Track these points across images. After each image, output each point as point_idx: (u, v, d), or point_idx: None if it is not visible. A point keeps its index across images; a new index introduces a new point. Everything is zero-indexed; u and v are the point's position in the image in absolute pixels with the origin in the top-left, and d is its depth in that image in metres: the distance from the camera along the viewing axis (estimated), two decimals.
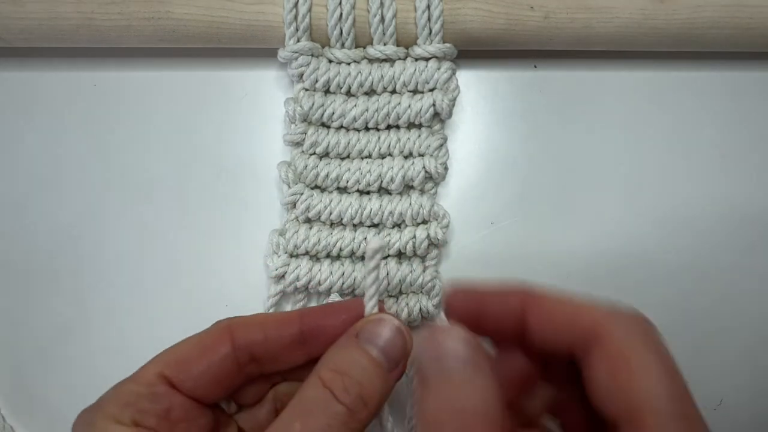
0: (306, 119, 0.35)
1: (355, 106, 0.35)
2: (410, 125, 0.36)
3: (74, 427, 0.25)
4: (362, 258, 0.35)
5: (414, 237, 0.35)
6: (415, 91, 0.36)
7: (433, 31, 0.35)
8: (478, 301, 0.26)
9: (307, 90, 0.36)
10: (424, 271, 0.35)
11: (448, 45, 0.35)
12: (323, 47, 0.36)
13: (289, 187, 0.35)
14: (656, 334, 0.22)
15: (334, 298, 0.34)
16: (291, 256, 0.35)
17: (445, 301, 0.27)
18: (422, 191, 0.36)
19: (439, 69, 0.35)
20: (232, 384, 0.27)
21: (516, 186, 0.38)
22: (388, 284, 0.34)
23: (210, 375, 0.26)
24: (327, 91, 0.36)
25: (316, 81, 0.35)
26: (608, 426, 0.22)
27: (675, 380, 0.21)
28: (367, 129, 0.36)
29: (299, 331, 0.27)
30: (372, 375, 0.24)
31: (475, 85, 0.39)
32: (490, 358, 0.24)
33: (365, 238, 0.35)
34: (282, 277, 0.34)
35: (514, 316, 0.24)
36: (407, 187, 0.36)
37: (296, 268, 0.34)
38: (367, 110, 0.35)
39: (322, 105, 0.35)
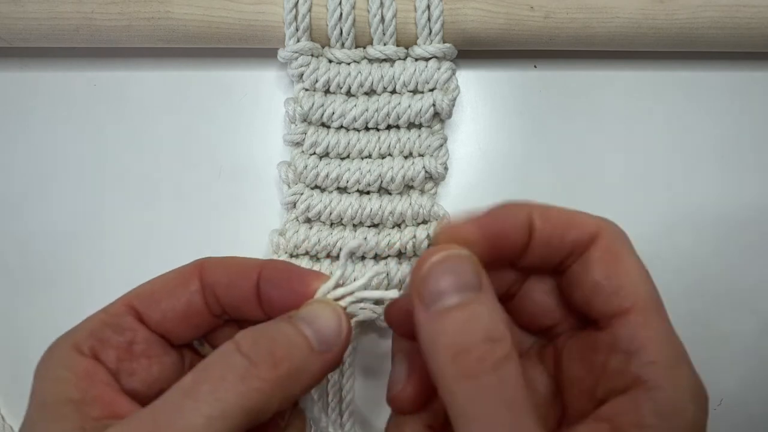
0: (306, 119, 0.35)
1: (355, 106, 0.35)
2: (410, 125, 0.36)
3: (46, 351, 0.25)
4: (362, 258, 0.35)
5: (414, 237, 0.35)
6: (415, 91, 0.36)
7: (433, 31, 0.35)
8: (485, 225, 0.25)
9: (307, 90, 0.36)
10: None
11: (448, 45, 0.35)
12: (323, 47, 0.36)
13: (289, 187, 0.35)
14: (631, 244, 0.25)
15: None
16: (291, 256, 0.35)
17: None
18: (422, 191, 0.36)
19: (439, 69, 0.35)
20: (200, 324, 0.26)
21: (516, 186, 0.38)
22: (389, 285, 0.34)
23: (177, 311, 0.25)
24: (327, 91, 0.36)
25: (316, 81, 0.35)
26: (590, 323, 0.24)
27: (651, 281, 0.24)
28: (367, 129, 0.36)
29: (257, 282, 0.26)
30: (291, 339, 0.23)
31: (475, 85, 0.39)
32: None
33: (365, 238, 0.35)
34: None
35: (522, 229, 0.25)
36: (407, 187, 0.36)
37: None
38: (367, 110, 0.35)
39: (322, 105, 0.35)
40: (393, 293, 0.26)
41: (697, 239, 0.37)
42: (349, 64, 0.36)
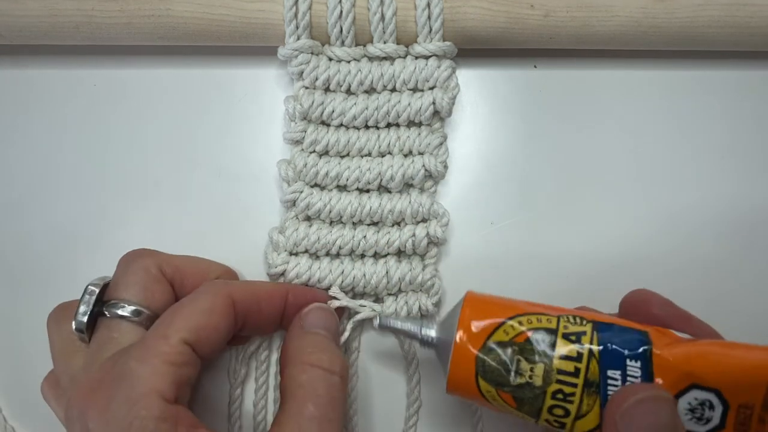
0: (306, 117, 0.35)
1: (355, 104, 0.35)
2: (410, 123, 0.36)
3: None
4: (362, 256, 0.35)
5: (414, 235, 0.35)
6: (415, 90, 0.36)
7: (433, 29, 0.35)
8: None
9: (307, 88, 0.36)
10: (423, 269, 0.35)
11: (448, 43, 0.35)
12: (323, 45, 0.36)
13: (289, 185, 0.35)
14: None
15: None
16: (291, 254, 0.35)
17: None
18: (422, 189, 0.36)
19: (439, 67, 0.35)
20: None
21: (516, 186, 0.38)
22: (388, 282, 0.34)
23: (221, 341, 0.29)
24: (327, 89, 0.36)
25: (316, 79, 0.35)
26: None
27: None
28: (366, 127, 0.36)
29: (284, 307, 0.32)
30: (331, 346, 0.30)
31: (475, 84, 0.39)
32: None
33: (365, 236, 0.35)
34: (282, 274, 0.34)
35: None
36: (407, 186, 0.36)
37: (296, 265, 0.34)
38: (366, 108, 0.35)
39: (322, 103, 0.35)
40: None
41: (697, 239, 0.37)
42: (349, 62, 0.36)
